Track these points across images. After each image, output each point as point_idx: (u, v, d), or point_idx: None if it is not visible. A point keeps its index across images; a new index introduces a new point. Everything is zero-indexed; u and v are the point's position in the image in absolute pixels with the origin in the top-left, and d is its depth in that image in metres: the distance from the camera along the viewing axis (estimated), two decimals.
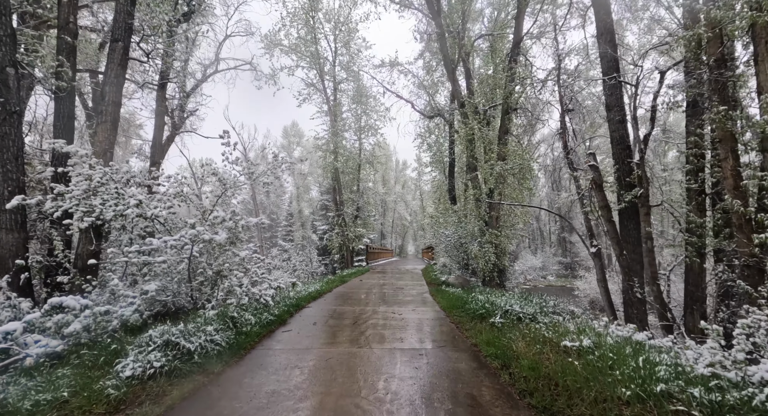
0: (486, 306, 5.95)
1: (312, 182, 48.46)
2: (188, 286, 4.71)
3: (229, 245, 4.89)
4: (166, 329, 3.64)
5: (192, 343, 3.61)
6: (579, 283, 25.83)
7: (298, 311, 6.74)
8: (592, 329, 4.29)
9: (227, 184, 5.82)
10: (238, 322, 4.70)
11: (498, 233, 12.75)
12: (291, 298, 7.27)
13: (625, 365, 2.99)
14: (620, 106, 7.66)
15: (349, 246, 21.19)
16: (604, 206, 5.91)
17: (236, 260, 5.29)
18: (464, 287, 11.89)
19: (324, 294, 9.03)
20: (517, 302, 6.07)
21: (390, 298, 8.47)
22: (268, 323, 5.27)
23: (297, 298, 7.42)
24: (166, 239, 4.03)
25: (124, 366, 3.18)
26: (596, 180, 5.89)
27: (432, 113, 16.12)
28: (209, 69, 16.19)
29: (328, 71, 22.11)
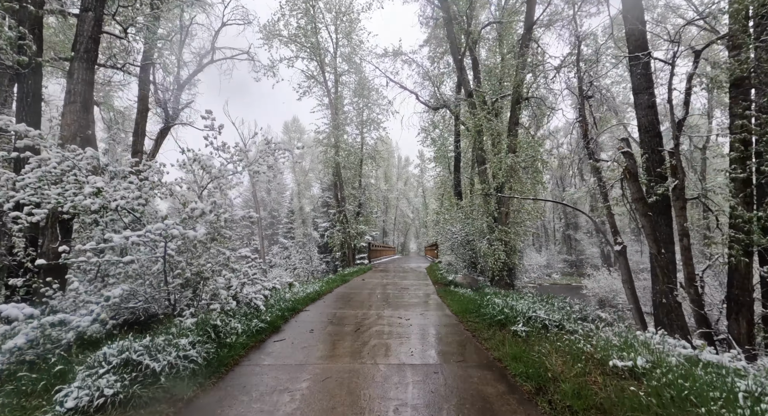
0: (505, 311, 5.27)
1: (313, 179, 47.85)
2: (165, 290, 4.06)
3: (210, 242, 4.23)
4: (128, 344, 2.98)
5: (158, 361, 2.94)
6: (587, 281, 25.14)
7: (294, 315, 6.08)
8: (643, 343, 3.60)
9: (213, 173, 5.15)
10: (222, 331, 4.04)
11: (508, 230, 12.06)
12: (287, 301, 6.61)
13: (711, 397, 2.31)
14: (649, 89, 6.94)
15: (350, 244, 20.54)
16: (639, 199, 5.21)
17: (220, 260, 4.62)
18: (473, 288, 11.23)
19: (324, 295, 8.37)
20: (541, 307, 5.39)
21: (395, 300, 7.81)
22: (258, 331, 4.61)
23: (293, 300, 6.76)
24: (127, 236, 3.38)
25: (67, 394, 2.52)
26: (630, 169, 5.19)
27: (437, 104, 15.40)
28: (204, 58, 15.50)
29: (329, 63, 21.39)
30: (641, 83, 6.99)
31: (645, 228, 5.17)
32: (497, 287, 12.76)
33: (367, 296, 8.43)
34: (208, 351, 3.57)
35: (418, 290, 9.66)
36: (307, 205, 49.25)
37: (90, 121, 5.44)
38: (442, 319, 5.94)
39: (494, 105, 13.44)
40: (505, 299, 6.16)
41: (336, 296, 8.36)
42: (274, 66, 19.73)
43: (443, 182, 23.44)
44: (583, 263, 45.76)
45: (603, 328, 4.70)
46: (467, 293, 8.33)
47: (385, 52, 15.38)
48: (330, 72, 21.84)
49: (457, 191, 16.85)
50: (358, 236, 21.15)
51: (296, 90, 21.58)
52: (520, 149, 11.09)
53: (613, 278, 24.03)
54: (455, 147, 17.83)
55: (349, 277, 12.49)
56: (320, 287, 9.04)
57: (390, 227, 54.27)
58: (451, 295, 8.32)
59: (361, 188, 22.54)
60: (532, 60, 11.57)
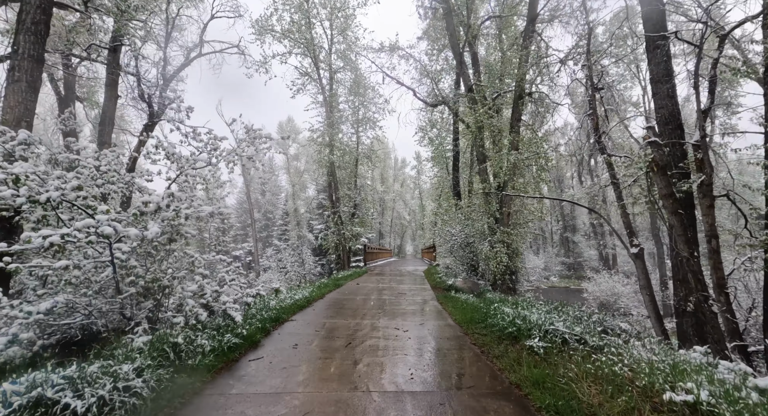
0: (517, 323, 4.62)
1: (309, 180, 47.13)
2: (116, 301, 3.38)
3: (169, 244, 3.55)
4: (43, 376, 2.30)
5: (84, 399, 2.26)
6: (587, 285, 24.60)
7: (277, 326, 5.39)
8: (697, 367, 2.96)
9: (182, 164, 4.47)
10: (184, 351, 3.37)
11: (510, 231, 11.45)
12: (271, 309, 5.92)
13: None
14: (669, 77, 6.37)
15: (345, 246, 19.84)
16: (668, 195, 4.60)
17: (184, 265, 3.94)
18: (474, 292, 10.63)
19: (314, 302, 7.69)
20: (557, 317, 4.75)
21: (391, 307, 7.15)
22: (231, 348, 3.93)
23: (278, 309, 6.07)
24: (46, 234, 2.70)
25: None
26: (658, 161, 4.58)
27: (435, 101, 14.80)
28: (192, 52, 14.81)
29: (323, 59, 20.77)
30: (661, 71, 6.41)
31: (675, 228, 4.57)
32: (499, 292, 12.13)
33: (361, 302, 7.76)
34: (161, 377, 2.88)
35: (416, 295, 9.00)
36: (302, 207, 48.51)
37: (35, 102, 4.73)
38: (445, 330, 5.28)
39: (495, 102, 12.85)
40: (515, 307, 5.52)
41: (327, 303, 7.68)
42: (266, 62, 19.06)
43: (441, 183, 22.84)
44: (581, 265, 45.35)
45: (631, 343, 4.08)
46: (470, 300, 7.69)
47: (381, 46, 14.80)
48: (324, 69, 21.21)
49: (455, 191, 16.24)
50: (353, 239, 20.46)
51: (290, 87, 20.92)
52: (523, 146, 10.50)
53: (614, 281, 23.53)
54: (453, 146, 17.24)
55: (343, 281, 11.81)
56: (310, 293, 8.35)
57: (386, 229, 53.64)
58: (452, 301, 7.68)
59: (357, 188, 21.87)
60: (535, 53, 11.00)
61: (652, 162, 4.67)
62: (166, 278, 3.50)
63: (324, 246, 20.85)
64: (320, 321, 5.89)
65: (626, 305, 22.17)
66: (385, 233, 53.30)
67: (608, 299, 22.60)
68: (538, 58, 10.53)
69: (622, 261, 41.91)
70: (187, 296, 4.03)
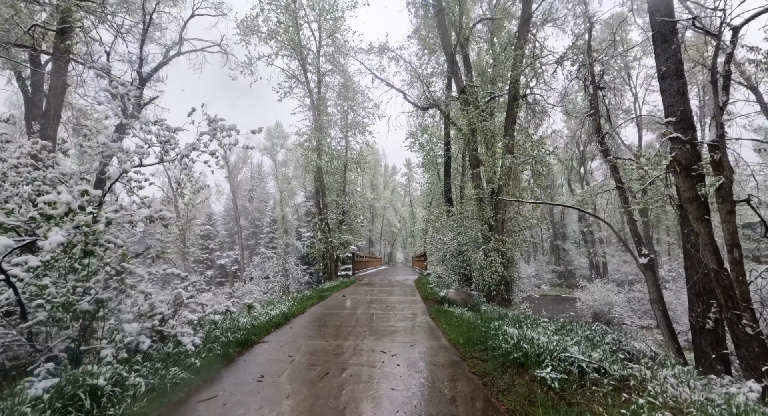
0: (523, 347, 3.96)
1: (297, 187, 46.26)
2: (22, 330, 2.63)
3: (85, 257, 2.82)
4: None
5: None
6: (580, 293, 24.17)
7: (244, 351, 4.63)
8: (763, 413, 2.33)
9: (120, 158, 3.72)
10: (107, 395, 2.61)
11: (505, 239, 10.87)
12: (240, 329, 5.16)
13: None
14: (679, 72, 5.89)
15: (333, 255, 19.05)
16: (692, 199, 4.01)
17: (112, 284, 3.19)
18: (468, 305, 9.99)
19: (293, 318, 6.92)
20: (567, 339, 4.11)
21: (379, 324, 6.43)
22: (177, 385, 3.18)
23: (249, 329, 5.31)
24: None
25: None
26: (680, 160, 4.01)
27: (427, 104, 14.30)
28: (171, 50, 14.08)
29: (311, 62, 20.20)
30: (670, 66, 5.93)
31: (702, 237, 4.00)
32: (494, 303, 11.51)
33: (346, 318, 7.02)
34: None
35: (406, 309, 8.29)
36: (291, 214, 47.56)
37: None
38: (439, 354, 4.59)
39: (488, 105, 12.39)
40: (518, 326, 4.86)
41: (308, 320, 6.93)
42: (251, 63, 18.41)
43: (432, 189, 22.29)
44: (572, 273, 45.19)
45: (660, 374, 3.45)
46: (465, 315, 7.02)
47: (371, 47, 14.28)
48: (312, 72, 20.63)
49: (447, 197, 15.68)
50: (341, 247, 19.68)
51: (276, 90, 20.24)
52: (518, 150, 9.99)
53: (607, 290, 23.14)
54: (445, 151, 16.73)
55: (328, 292, 11.03)
56: (289, 308, 7.58)
57: (376, 236, 52.88)
58: (445, 316, 6.99)
59: (345, 194, 21.17)
60: (531, 53, 10.57)
61: (674, 161, 4.13)
62: (86, 300, 2.76)
63: (310, 255, 20.03)
64: (297, 342, 5.15)
65: (620, 315, 21.75)
66: (375, 241, 52.53)
67: (602, 308, 22.14)
68: (534, 57, 10.09)
69: (613, 269, 41.84)
70: (126, 320, 3.28)
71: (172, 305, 4.17)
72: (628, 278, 37.94)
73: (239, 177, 47.73)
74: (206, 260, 45.66)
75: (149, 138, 3.94)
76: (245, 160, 45.47)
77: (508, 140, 10.77)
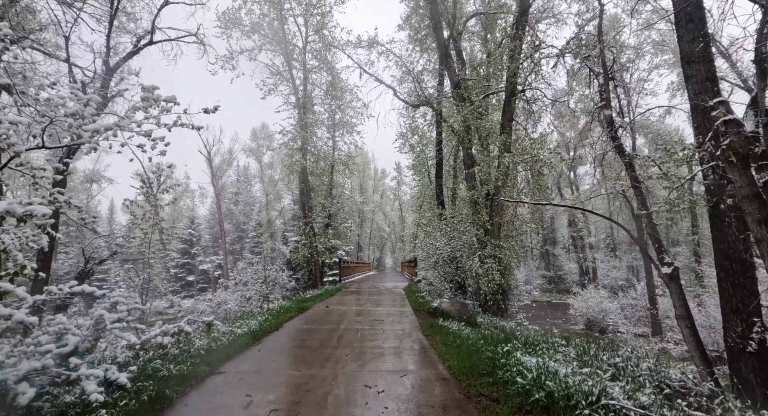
0: (546, 385, 3.08)
1: (284, 190, 45.02)
2: None
3: None
4: None
5: None
6: (573, 300, 23.58)
7: (189, 388, 3.63)
8: None
9: None
10: None
11: (502, 245, 10.07)
12: (192, 357, 4.18)
13: None
14: (707, 55, 5.19)
15: (318, 260, 18.03)
16: (752, 197, 3.18)
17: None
18: (463, 317, 9.16)
19: (264, 337, 5.93)
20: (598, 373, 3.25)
21: (365, 344, 5.49)
22: None
23: (204, 355, 4.33)
24: None
25: None
26: (737, 148, 3.27)
27: (418, 101, 13.51)
28: (143, 40, 13.00)
29: (296, 57, 19.29)
30: (696, 49, 5.21)
31: (761, 243, 3.23)
32: (489, 314, 10.68)
33: (327, 336, 6.06)
34: None
35: (396, 323, 7.37)
36: (277, 218, 46.29)
37: None
38: (436, 389, 3.68)
39: (482, 103, 11.66)
40: (532, 351, 3.99)
41: (282, 338, 5.95)
42: (233, 57, 17.40)
43: (422, 192, 21.49)
44: (562, 279, 44.92)
45: None
46: (463, 332, 6.13)
47: (359, 40, 13.44)
48: (298, 69, 19.71)
49: (439, 200, 14.87)
50: (327, 252, 18.65)
51: (260, 87, 19.26)
52: (517, 149, 9.23)
53: (601, 297, 22.59)
54: (437, 152, 15.96)
55: (310, 303, 10.04)
56: (262, 323, 6.59)
57: (365, 241, 51.90)
58: (441, 333, 6.09)
59: (332, 196, 20.19)
60: (531, 45, 9.87)
61: (728, 150, 3.36)
62: None
63: (294, 261, 18.96)
64: (261, 372, 4.18)
65: (614, 323, 21.17)
66: (363, 246, 51.53)
67: (596, 315, 21.55)
68: (534, 48, 9.37)
69: (602, 274, 41.67)
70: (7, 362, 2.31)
71: (92, 331, 3.18)
72: (617, 284, 37.75)
73: (224, 180, 46.19)
74: (187, 265, 43.99)
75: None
76: (230, 162, 44.06)
77: (505, 137, 10.02)
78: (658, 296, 20.18)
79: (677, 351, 15.70)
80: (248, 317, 7.83)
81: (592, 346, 4.49)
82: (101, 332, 3.26)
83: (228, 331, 5.54)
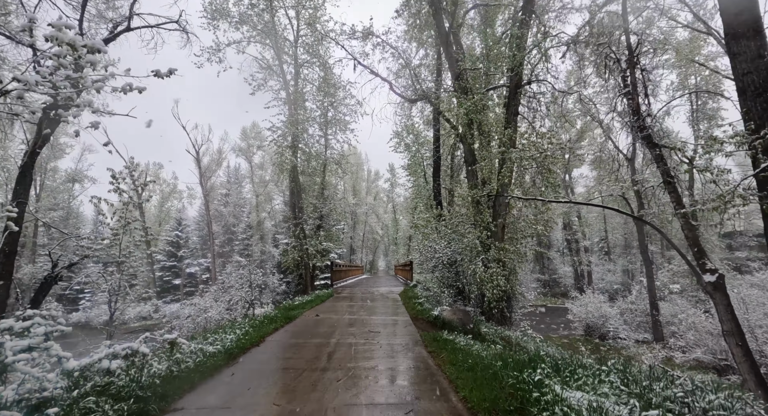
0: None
1: (275, 191, 43.99)
2: None
3: None
4: None
5: None
6: (571, 305, 22.91)
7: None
8: None
9: None
10: None
11: (508, 248, 9.33)
12: (143, 388, 3.31)
13: None
14: (757, 28, 4.52)
15: (309, 264, 17.13)
16: None
17: None
18: (465, 325, 8.40)
19: (240, 356, 5.06)
20: None
21: (359, 365, 4.66)
22: None
23: (159, 384, 3.46)
24: None
25: None
26: None
27: (415, 95, 12.76)
28: (120, 26, 12.07)
29: (287, 51, 18.46)
30: (745, 21, 4.52)
31: None
32: (493, 322, 9.93)
33: (315, 353, 5.21)
34: None
35: (393, 335, 6.55)
36: (268, 219, 45.19)
37: None
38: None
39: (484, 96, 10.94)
40: (574, 382, 3.20)
41: (262, 357, 5.09)
42: (220, 49, 16.52)
43: (418, 193, 20.74)
44: (556, 282, 44.54)
45: None
46: (473, 348, 5.34)
47: (353, 31, 12.66)
48: (289, 63, 18.90)
49: (437, 200, 14.11)
50: (318, 255, 17.77)
51: (249, 82, 18.39)
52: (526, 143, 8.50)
53: (600, 301, 21.98)
54: (434, 150, 15.23)
55: (298, 311, 9.17)
56: (240, 338, 5.71)
57: (358, 244, 50.98)
58: (447, 350, 5.28)
59: (324, 197, 19.32)
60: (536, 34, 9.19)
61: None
62: None
63: (284, 264, 18.04)
64: (231, 408, 3.33)
65: (615, 329, 20.57)
66: (356, 249, 50.59)
67: (596, 321, 20.96)
68: (544, 35, 8.66)
69: (597, 278, 41.33)
70: None
71: None
72: (613, 288, 37.40)
73: (213, 180, 44.91)
74: (174, 268, 42.58)
75: None
76: (219, 162, 42.86)
77: (511, 132, 9.30)
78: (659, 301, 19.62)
79: (682, 360, 15.11)
80: (227, 328, 6.93)
81: (635, 369, 3.71)
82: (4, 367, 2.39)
83: (197, 349, 4.65)
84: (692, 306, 17.39)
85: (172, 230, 43.84)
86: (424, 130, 18.92)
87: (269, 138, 17.94)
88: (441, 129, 14.85)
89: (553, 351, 5.70)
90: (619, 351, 17.93)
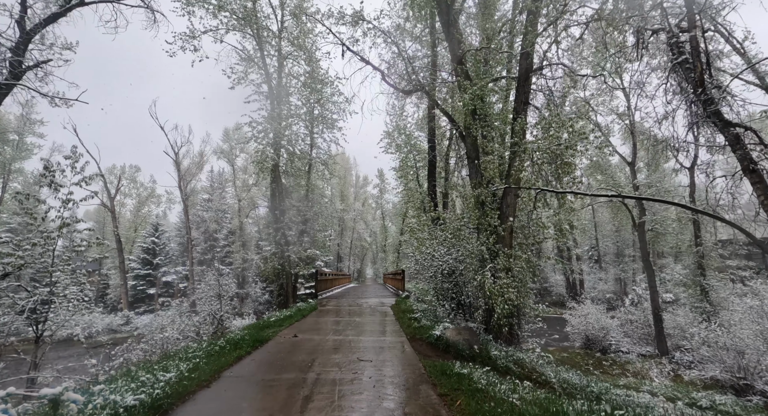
0: None
1: (259, 196, 42.08)
2: None
3: None
4: None
5: None
6: (570, 316, 21.76)
7: None
8: None
9: None
10: None
11: (519, 255, 8.06)
12: None
13: None
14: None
15: (290, 273, 15.56)
16: None
17: None
18: (472, 346, 7.08)
19: (177, 407, 3.57)
20: None
21: (342, 412, 3.24)
22: None
23: None
24: None
25: None
26: None
27: (410, 86, 11.54)
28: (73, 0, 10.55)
29: (269, 40, 17.11)
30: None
31: None
32: (501, 340, 8.60)
33: (284, 398, 3.76)
34: None
35: (389, 365, 5.13)
36: (251, 226, 43.23)
37: None
38: None
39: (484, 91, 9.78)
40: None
41: (208, 408, 3.60)
42: (195, 37, 15.04)
43: (409, 197, 19.48)
44: (548, 291, 43.62)
45: None
46: (501, 389, 3.96)
47: (342, 14, 11.43)
48: (272, 55, 17.53)
49: (433, 202, 12.83)
50: (302, 263, 16.22)
51: (228, 75, 16.92)
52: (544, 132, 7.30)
53: (600, 312, 20.91)
54: (429, 149, 14.00)
55: (273, 330, 7.66)
56: (182, 376, 4.20)
57: (345, 251, 49.33)
58: (464, 391, 3.90)
59: (308, 201, 17.84)
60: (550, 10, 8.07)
61: None
62: None
63: (263, 274, 16.42)
64: None
65: (617, 342, 19.48)
66: (344, 256, 48.90)
67: (596, 334, 19.83)
68: (560, 12, 7.52)
69: (589, 287, 40.60)
70: None
71: None
72: (605, 297, 36.62)
73: (194, 184, 42.77)
74: (149, 277, 40.15)
75: None
76: (200, 165, 40.82)
77: (520, 123, 8.11)
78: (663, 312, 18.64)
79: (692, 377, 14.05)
80: (177, 356, 5.42)
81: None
82: None
83: (104, 403, 3.14)
84: (704, 320, 16.38)
85: (147, 236, 41.49)
86: (417, 130, 17.79)
87: (248, 133, 16.42)
88: (436, 128, 13.67)
89: (591, 381, 4.38)
90: (623, 366, 16.84)
